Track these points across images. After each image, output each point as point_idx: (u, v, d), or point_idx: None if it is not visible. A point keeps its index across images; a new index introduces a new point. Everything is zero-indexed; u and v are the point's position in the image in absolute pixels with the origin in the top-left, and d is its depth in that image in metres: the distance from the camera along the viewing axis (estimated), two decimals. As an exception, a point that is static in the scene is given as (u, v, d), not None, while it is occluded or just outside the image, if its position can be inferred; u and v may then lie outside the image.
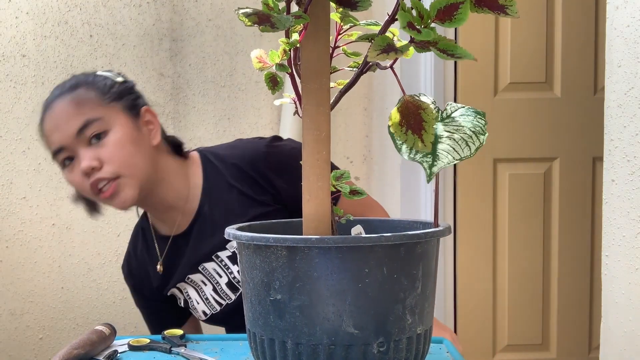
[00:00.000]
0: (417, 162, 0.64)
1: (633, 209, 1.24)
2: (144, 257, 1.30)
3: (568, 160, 2.25)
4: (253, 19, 0.57)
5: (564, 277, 2.27)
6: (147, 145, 1.17)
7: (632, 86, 1.23)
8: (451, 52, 0.56)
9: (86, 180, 1.12)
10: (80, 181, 1.13)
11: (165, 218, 1.25)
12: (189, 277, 1.25)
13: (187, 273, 1.25)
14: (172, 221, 1.25)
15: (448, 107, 0.72)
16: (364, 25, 0.71)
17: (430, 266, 0.67)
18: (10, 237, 2.16)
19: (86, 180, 1.12)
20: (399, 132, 0.61)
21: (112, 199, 1.12)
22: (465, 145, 0.65)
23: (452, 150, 0.65)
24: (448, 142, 0.66)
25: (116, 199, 1.12)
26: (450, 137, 0.66)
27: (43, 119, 1.16)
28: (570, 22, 2.21)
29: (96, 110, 1.12)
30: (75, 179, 1.14)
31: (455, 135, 0.67)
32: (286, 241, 0.61)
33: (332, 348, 0.62)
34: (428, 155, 0.64)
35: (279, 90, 0.72)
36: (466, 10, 0.54)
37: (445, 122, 0.69)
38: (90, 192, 1.13)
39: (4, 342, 2.19)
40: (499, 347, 2.30)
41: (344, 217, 0.77)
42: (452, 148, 0.65)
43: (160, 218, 1.26)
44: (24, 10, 2.11)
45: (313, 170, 0.65)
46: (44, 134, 1.16)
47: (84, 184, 1.12)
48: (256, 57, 0.70)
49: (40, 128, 1.17)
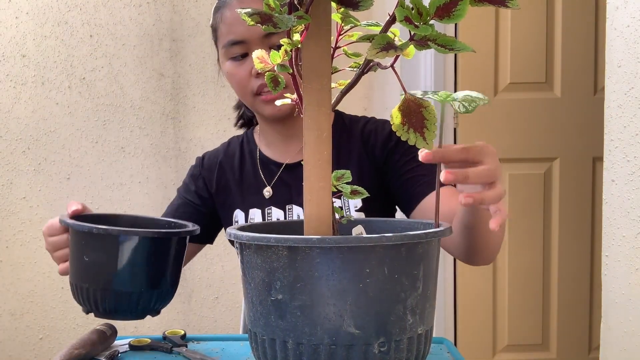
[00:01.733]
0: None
1: (633, 209, 1.24)
2: (234, 164, 1.30)
3: (568, 160, 2.25)
4: (255, 19, 0.57)
5: (564, 277, 2.27)
6: None
7: (632, 86, 1.23)
8: (450, 46, 0.56)
9: (254, 80, 1.14)
10: (246, 79, 1.15)
11: (277, 145, 1.26)
12: (270, 208, 1.24)
13: (287, 202, 1.23)
14: (281, 150, 1.26)
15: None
16: (364, 26, 0.71)
17: (431, 266, 0.68)
18: (10, 237, 2.16)
19: (254, 80, 1.14)
20: (401, 130, 0.61)
21: (271, 103, 1.14)
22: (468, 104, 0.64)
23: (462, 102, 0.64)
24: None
25: (275, 106, 1.11)
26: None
27: (229, 5, 1.15)
28: (570, 22, 2.21)
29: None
30: (241, 75, 1.16)
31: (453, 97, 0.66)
32: (287, 241, 0.61)
33: (333, 348, 0.62)
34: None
35: (280, 90, 0.72)
36: (465, 6, 0.55)
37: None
38: (251, 91, 1.16)
39: (4, 342, 2.19)
40: (499, 347, 2.30)
41: (344, 217, 0.77)
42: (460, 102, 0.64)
43: (273, 144, 1.27)
44: (24, 10, 2.11)
45: (314, 171, 0.65)
46: (224, 20, 1.16)
47: (251, 82, 1.15)
48: (258, 58, 0.70)
49: (219, 13, 1.17)
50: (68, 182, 2.16)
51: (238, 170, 1.30)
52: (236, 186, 1.29)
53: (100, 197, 2.16)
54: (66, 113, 2.15)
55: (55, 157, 2.15)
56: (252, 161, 1.29)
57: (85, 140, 2.16)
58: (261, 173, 1.26)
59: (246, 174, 1.29)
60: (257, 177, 1.27)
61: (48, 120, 2.14)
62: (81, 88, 2.15)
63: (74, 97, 2.15)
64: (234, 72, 1.17)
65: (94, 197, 2.16)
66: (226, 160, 1.31)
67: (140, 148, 2.17)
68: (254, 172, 1.28)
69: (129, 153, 2.17)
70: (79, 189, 2.16)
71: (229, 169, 1.30)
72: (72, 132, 2.15)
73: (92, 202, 2.15)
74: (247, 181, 1.28)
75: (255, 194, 1.27)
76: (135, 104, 2.16)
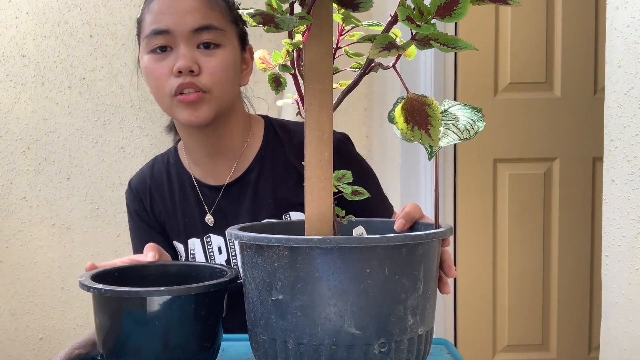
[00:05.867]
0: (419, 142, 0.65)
1: (633, 209, 1.24)
2: (165, 192, 1.21)
3: (568, 160, 2.25)
4: (258, 19, 0.57)
5: (564, 277, 2.27)
6: (238, 80, 1.13)
7: (632, 86, 1.23)
8: (453, 44, 0.56)
9: (173, 79, 1.04)
10: (165, 77, 1.04)
11: (204, 163, 1.17)
12: (209, 236, 1.17)
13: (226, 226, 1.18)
14: (210, 170, 1.17)
15: (445, 103, 0.74)
16: (365, 26, 0.71)
17: (432, 267, 0.68)
18: (10, 237, 2.16)
19: (173, 79, 1.04)
20: (406, 129, 0.61)
21: (189, 107, 1.05)
22: (465, 129, 0.68)
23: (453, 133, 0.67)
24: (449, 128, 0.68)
25: (194, 111, 1.05)
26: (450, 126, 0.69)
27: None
28: (570, 22, 2.21)
29: (221, 21, 1.06)
30: (160, 70, 1.05)
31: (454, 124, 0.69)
32: (288, 241, 0.61)
33: (334, 348, 0.62)
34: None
35: (282, 90, 0.72)
36: (466, 4, 0.55)
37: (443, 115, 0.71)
38: (169, 92, 1.05)
39: (4, 342, 2.19)
40: (499, 347, 2.30)
41: (345, 217, 0.77)
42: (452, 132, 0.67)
43: (200, 161, 1.18)
44: (24, 10, 2.11)
45: (315, 171, 0.65)
46: (151, 8, 1.06)
47: (170, 80, 1.04)
48: (259, 58, 0.70)
49: (147, 4, 1.07)
50: (68, 182, 2.16)
51: (169, 197, 1.20)
52: (169, 216, 1.19)
53: (100, 197, 2.16)
54: (66, 113, 2.15)
55: (55, 157, 2.15)
56: (182, 185, 1.19)
57: (85, 140, 2.16)
58: (201, 199, 1.17)
59: (179, 201, 1.19)
60: (193, 204, 1.18)
61: (48, 120, 2.14)
62: (81, 88, 2.15)
63: (74, 97, 2.15)
64: (152, 68, 1.05)
65: (94, 197, 2.16)
66: (155, 186, 1.21)
67: (140, 148, 2.17)
68: (188, 198, 1.18)
69: (129, 153, 2.17)
70: (79, 189, 2.16)
71: (158, 196, 1.20)
72: (72, 132, 2.15)
73: (92, 202, 2.15)
74: (181, 210, 1.18)
75: (192, 222, 1.17)
76: (135, 104, 2.16)
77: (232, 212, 1.16)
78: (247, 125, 1.19)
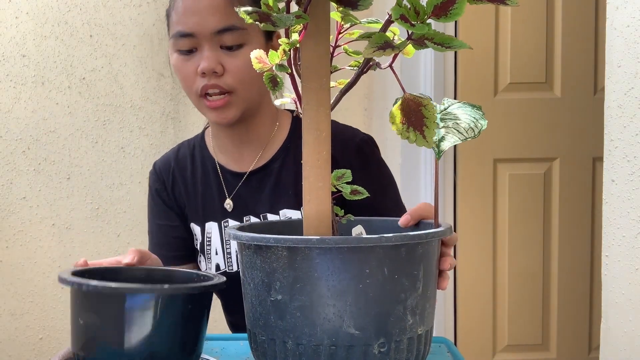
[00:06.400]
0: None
1: (633, 209, 1.24)
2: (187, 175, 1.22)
3: (568, 160, 2.25)
4: (254, 17, 0.57)
5: (564, 277, 2.27)
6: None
7: (632, 86, 1.23)
8: (448, 44, 0.56)
9: (199, 80, 1.06)
10: (192, 77, 1.07)
11: (230, 151, 1.19)
12: (227, 221, 1.18)
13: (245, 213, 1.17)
14: (235, 157, 1.19)
15: (445, 102, 0.74)
16: (364, 23, 0.71)
17: (431, 267, 0.67)
18: (10, 237, 2.16)
19: (199, 80, 1.06)
20: (401, 129, 0.61)
21: (216, 110, 1.07)
22: (469, 128, 0.68)
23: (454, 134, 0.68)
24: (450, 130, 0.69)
25: (220, 114, 1.07)
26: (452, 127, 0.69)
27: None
28: (570, 22, 2.21)
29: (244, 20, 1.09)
30: (187, 71, 1.07)
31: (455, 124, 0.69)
32: (287, 241, 0.61)
33: (333, 349, 0.62)
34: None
35: (279, 90, 0.72)
36: (462, 4, 0.55)
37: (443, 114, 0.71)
38: (195, 91, 1.07)
39: (4, 342, 2.19)
40: (499, 347, 2.30)
41: (344, 217, 0.77)
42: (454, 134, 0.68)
43: (226, 148, 1.20)
44: (24, 10, 2.11)
45: (314, 171, 0.65)
46: (177, 9, 1.07)
47: (196, 81, 1.07)
48: (256, 58, 0.70)
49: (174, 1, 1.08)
50: (68, 182, 2.15)
51: (191, 181, 1.22)
52: (189, 198, 1.21)
53: (100, 197, 2.16)
54: (66, 113, 2.15)
55: (55, 157, 2.15)
56: (205, 170, 1.22)
57: (85, 140, 2.16)
58: (223, 184, 1.20)
59: (201, 185, 1.21)
60: (214, 188, 1.20)
61: (48, 120, 2.14)
62: (81, 88, 2.15)
63: (74, 97, 2.15)
64: (179, 67, 1.09)
65: (94, 197, 2.16)
66: (178, 169, 1.23)
67: (140, 148, 2.17)
68: (209, 183, 1.20)
69: (129, 153, 2.17)
70: (79, 189, 2.15)
71: (180, 179, 1.23)
72: (72, 132, 2.15)
73: (92, 202, 2.15)
74: (201, 193, 1.21)
75: (211, 206, 1.19)
76: (135, 104, 2.16)
77: (252, 199, 1.18)
78: (274, 117, 1.21)
